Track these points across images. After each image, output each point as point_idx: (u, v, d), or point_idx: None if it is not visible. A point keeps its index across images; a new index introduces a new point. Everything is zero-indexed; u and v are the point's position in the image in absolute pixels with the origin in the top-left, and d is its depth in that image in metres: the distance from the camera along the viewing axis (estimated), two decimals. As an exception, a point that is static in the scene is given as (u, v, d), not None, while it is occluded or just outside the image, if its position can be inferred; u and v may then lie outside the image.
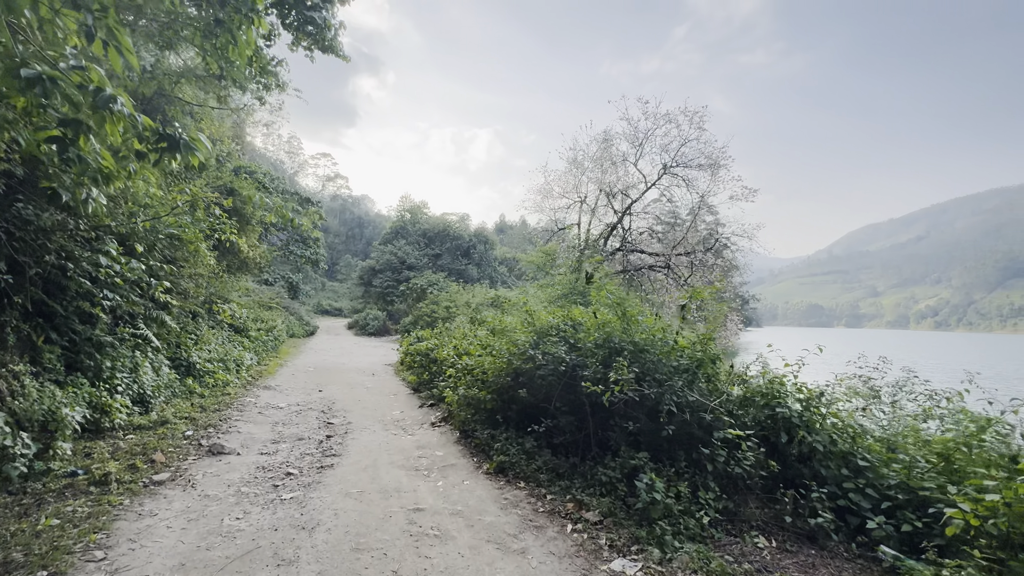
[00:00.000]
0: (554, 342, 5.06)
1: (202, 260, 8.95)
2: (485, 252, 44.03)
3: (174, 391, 8.23)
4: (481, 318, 14.71)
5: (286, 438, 6.56)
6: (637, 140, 18.54)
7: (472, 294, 32.03)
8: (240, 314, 15.73)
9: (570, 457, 4.77)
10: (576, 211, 22.73)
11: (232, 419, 7.47)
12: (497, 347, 5.94)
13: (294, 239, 37.07)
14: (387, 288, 37.72)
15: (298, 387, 10.50)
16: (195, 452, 5.75)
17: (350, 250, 78.50)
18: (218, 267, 11.78)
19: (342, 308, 50.81)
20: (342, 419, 7.63)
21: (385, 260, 39.72)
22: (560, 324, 5.42)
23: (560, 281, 20.63)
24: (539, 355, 4.93)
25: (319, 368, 13.92)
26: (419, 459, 5.52)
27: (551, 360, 4.87)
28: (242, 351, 12.90)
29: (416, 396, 9.62)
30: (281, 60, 16.55)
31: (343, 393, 9.91)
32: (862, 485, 3.60)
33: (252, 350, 14.42)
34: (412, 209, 46.96)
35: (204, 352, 10.52)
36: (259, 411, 8.14)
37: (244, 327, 15.63)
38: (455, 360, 8.72)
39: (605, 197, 21.40)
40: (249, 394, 9.47)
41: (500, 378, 5.60)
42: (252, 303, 19.93)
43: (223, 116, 20.94)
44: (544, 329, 5.37)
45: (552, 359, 4.88)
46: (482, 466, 5.12)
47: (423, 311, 28.63)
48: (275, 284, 30.78)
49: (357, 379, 11.91)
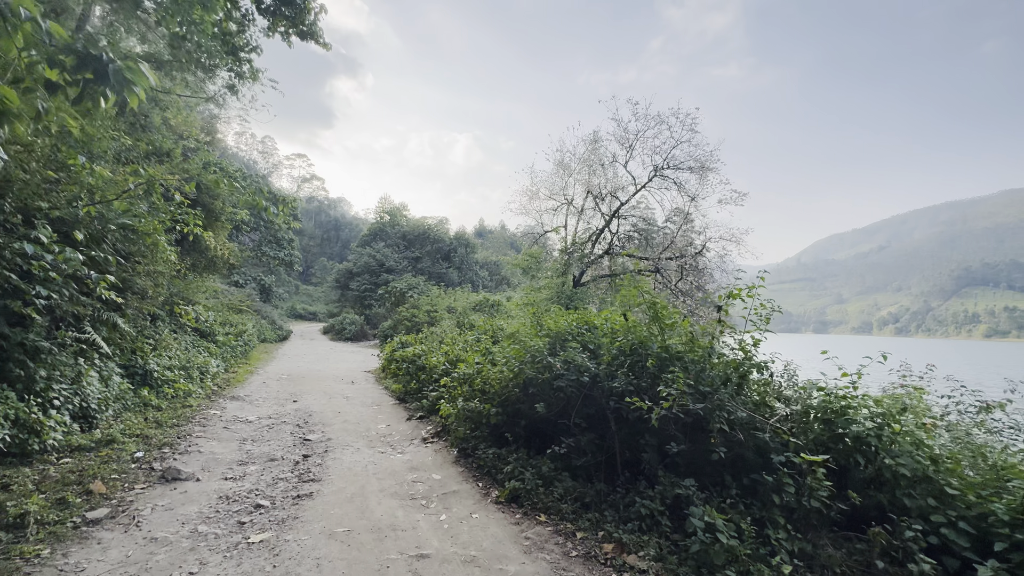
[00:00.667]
0: (575, 349, 4.38)
1: (161, 256, 7.96)
2: (466, 255, 43.20)
3: (126, 404, 7.21)
4: (469, 322, 13.96)
5: (256, 458, 5.68)
6: (627, 141, 18.16)
7: (454, 298, 31.20)
8: (206, 317, 14.56)
9: (594, 482, 4.09)
10: (563, 214, 22.25)
11: (193, 436, 6.52)
12: (501, 354, 5.24)
13: (267, 240, 35.49)
14: (365, 291, 36.45)
15: (270, 397, 9.52)
16: (144, 479, 4.83)
17: (326, 253, 76.57)
18: (181, 265, 10.71)
19: (317, 312, 49.07)
20: (320, 435, 6.76)
21: (363, 263, 38.45)
22: (577, 328, 4.76)
23: (547, 285, 20.04)
24: (558, 363, 4.24)
25: (293, 375, 12.89)
26: (414, 484, 4.74)
27: (573, 369, 4.19)
28: (208, 357, 11.80)
29: (403, 407, 8.79)
30: (255, 47, 15.53)
31: (321, 404, 9.01)
32: (954, 518, 3.04)
33: (219, 356, 13.29)
34: (391, 211, 45.80)
35: (164, 359, 9.47)
36: (225, 426, 7.19)
37: (211, 331, 14.45)
38: (448, 368, 7.95)
39: (592, 200, 20.97)
40: (214, 406, 8.47)
41: (507, 389, 4.89)
42: (220, 306, 18.66)
43: (191, 107, 19.72)
44: (561, 334, 4.69)
45: (574, 368, 4.20)
46: (490, 493, 4.37)
47: (403, 315, 27.66)
48: (246, 286, 29.27)
49: (335, 388, 10.97)
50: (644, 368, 4.01)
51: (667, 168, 16.58)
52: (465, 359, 6.89)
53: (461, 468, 5.15)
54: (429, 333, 12.23)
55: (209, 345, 13.52)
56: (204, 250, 13.75)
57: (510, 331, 5.88)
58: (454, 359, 8.05)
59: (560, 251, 22.41)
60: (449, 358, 8.15)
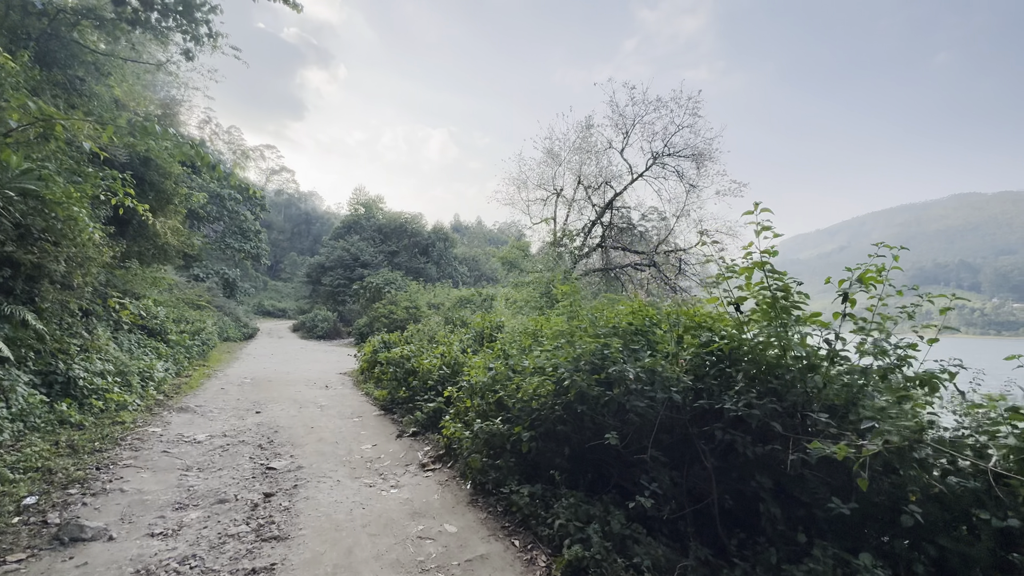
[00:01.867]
0: (643, 354, 3.18)
1: (82, 234, 6.34)
2: (445, 250, 41.61)
3: (32, 423, 5.62)
4: (459, 318, 12.62)
5: (200, 498, 4.25)
6: (624, 127, 17.11)
7: (433, 294, 29.74)
8: (156, 313, 12.74)
9: (688, 545, 2.88)
10: (552, 205, 21.11)
11: (118, 465, 5.01)
12: (543, 358, 3.95)
13: (232, 231, 33.03)
14: (338, 287, 34.47)
15: (228, 407, 7.98)
16: (28, 541, 3.36)
17: (296, 248, 73.58)
18: (115, 248, 9.00)
19: (287, 309, 46.62)
20: (289, 460, 5.35)
21: (336, 256, 36.40)
22: (641, 325, 3.55)
23: (535, 279, 18.83)
24: (631, 373, 3.00)
25: (258, 380, 11.28)
26: (421, 542, 3.41)
27: (659, 383, 2.96)
28: (155, 360, 10.11)
29: (390, 419, 7.40)
30: (214, 7, 13.69)
31: (290, 415, 7.53)
32: None
33: (170, 358, 11.56)
34: (367, 203, 43.73)
35: (95, 363, 7.81)
36: (164, 449, 5.68)
37: (162, 329, 12.65)
38: (445, 373, 6.62)
39: (584, 190, 19.88)
40: (156, 420, 6.91)
41: (546, 407, 3.62)
42: (176, 300, 16.71)
43: (139, 76, 17.49)
44: (627, 332, 3.46)
45: (659, 382, 2.97)
46: (536, 560, 3.05)
47: (380, 312, 26.03)
48: (207, 280, 26.99)
49: (307, 394, 9.47)
50: (762, 386, 2.83)
51: (667, 155, 15.59)
52: (472, 364, 5.58)
53: (482, 512, 3.86)
54: (416, 331, 10.83)
55: (159, 345, 11.76)
56: (152, 236, 11.95)
57: (551, 329, 4.60)
58: (453, 363, 6.73)
59: (549, 244, 21.26)
60: (446, 361, 6.82)
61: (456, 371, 6.69)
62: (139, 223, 11.73)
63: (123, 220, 11.64)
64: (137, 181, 11.83)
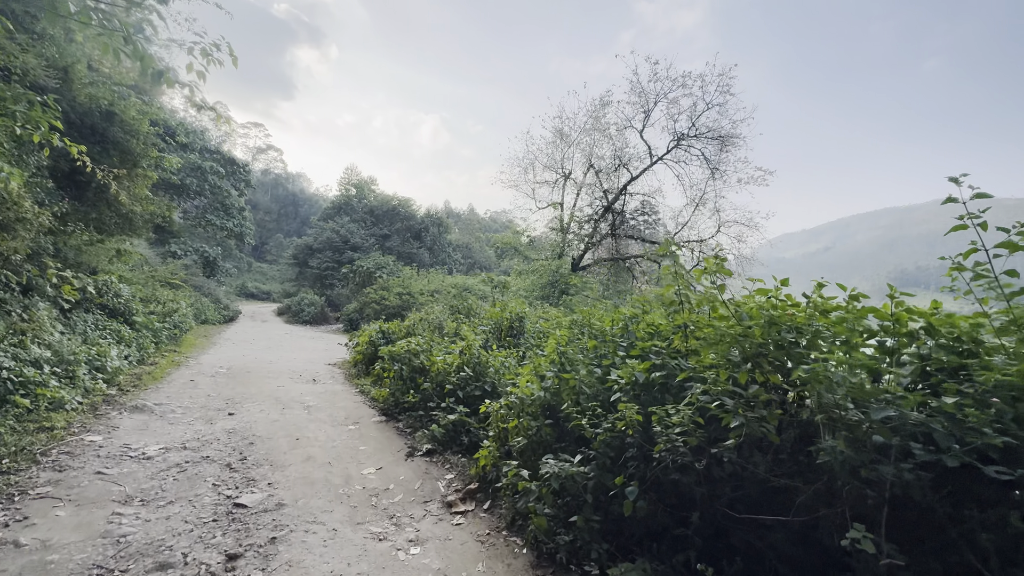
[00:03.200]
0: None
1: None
2: (439, 235, 40.05)
3: (-83, 431, 4.18)
4: (467, 307, 11.27)
5: (130, 560, 2.90)
6: (644, 105, 15.75)
7: (427, 280, 28.33)
8: (119, 290, 11.17)
9: None
10: (560, 188, 19.76)
11: (27, 496, 3.63)
12: (632, 375, 2.65)
13: (213, 206, 31.02)
14: (326, 270, 32.76)
15: (194, 406, 6.57)
16: None
17: (282, 229, 71.34)
18: (55, 208, 7.48)
19: (271, 291, 44.72)
20: (265, 494, 3.99)
21: (325, 238, 34.62)
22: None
23: (539, 267, 17.51)
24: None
25: (235, 370, 9.84)
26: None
27: (947, 437, 1.69)
28: (112, 345, 8.62)
29: (393, 428, 6.06)
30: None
31: (270, 419, 6.15)
32: None
33: (134, 343, 10.06)
34: (358, 184, 41.84)
35: (30, 350, 6.35)
36: (100, 469, 4.29)
37: (125, 309, 11.10)
38: (467, 375, 5.30)
39: (595, 174, 18.55)
40: (99, 424, 5.49)
41: (674, 453, 2.33)
42: (146, 278, 15.05)
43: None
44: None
45: (944, 435, 1.70)
46: None
47: (371, 297, 24.55)
48: (185, 257, 25.14)
49: (292, 390, 8.08)
50: None
51: (692, 137, 14.29)
52: (506, 366, 4.27)
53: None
54: (418, 320, 9.46)
55: (121, 328, 10.24)
56: (115, 202, 10.34)
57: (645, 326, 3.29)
58: (474, 362, 5.41)
59: (555, 230, 19.94)
60: (466, 360, 5.49)
61: (480, 373, 5.37)
62: (98, 186, 10.10)
63: (80, 182, 10.01)
64: (98, 139, 10.20)
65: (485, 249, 59.16)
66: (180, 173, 26.22)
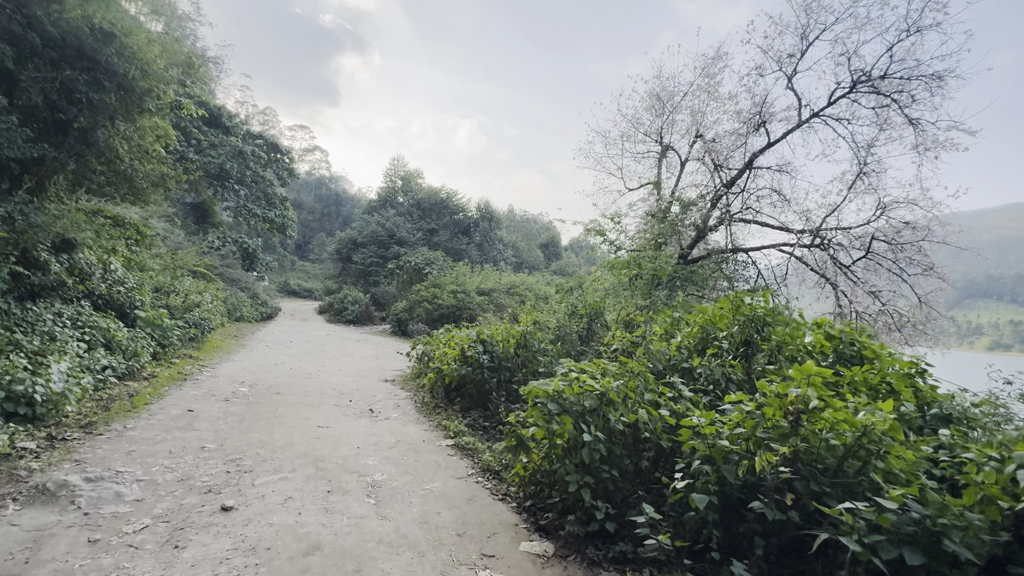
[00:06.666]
0: None
1: None
2: (489, 231, 37.00)
3: None
4: (588, 305, 7.82)
5: None
6: (786, 48, 11.89)
7: (482, 277, 25.27)
8: (119, 276, 8.42)
9: None
10: (656, 165, 16.07)
11: None
12: None
13: (254, 195, 29.02)
14: (371, 265, 30.24)
15: (166, 481, 3.46)
16: None
17: (325, 228, 70.74)
18: None
19: (313, 289, 43.06)
20: None
21: (370, 231, 32.15)
22: None
23: (632, 261, 13.82)
24: None
25: (259, 390, 6.81)
26: None
27: None
28: (64, 356, 5.71)
29: (560, 567, 2.72)
30: None
31: (299, 535, 2.96)
32: None
33: (127, 348, 7.21)
34: (405, 176, 39.37)
35: None
36: None
37: (125, 300, 8.33)
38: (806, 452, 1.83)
39: (704, 146, 14.75)
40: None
41: None
42: (164, 263, 12.43)
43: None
44: None
45: None
46: None
47: (422, 295, 21.67)
48: (223, 248, 22.94)
49: (342, 437, 4.90)
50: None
51: (883, 76, 10.32)
52: None
53: None
54: (530, 323, 6.08)
55: (113, 325, 7.42)
56: (104, 151, 7.54)
57: None
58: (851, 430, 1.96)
59: (653, 216, 16.25)
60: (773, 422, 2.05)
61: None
62: (81, 131, 7.31)
63: (60, 123, 7.26)
64: (85, 64, 7.43)
65: (533, 248, 55.94)
66: (221, 157, 24.15)
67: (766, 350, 3.85)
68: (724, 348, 3.65)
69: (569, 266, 47.43)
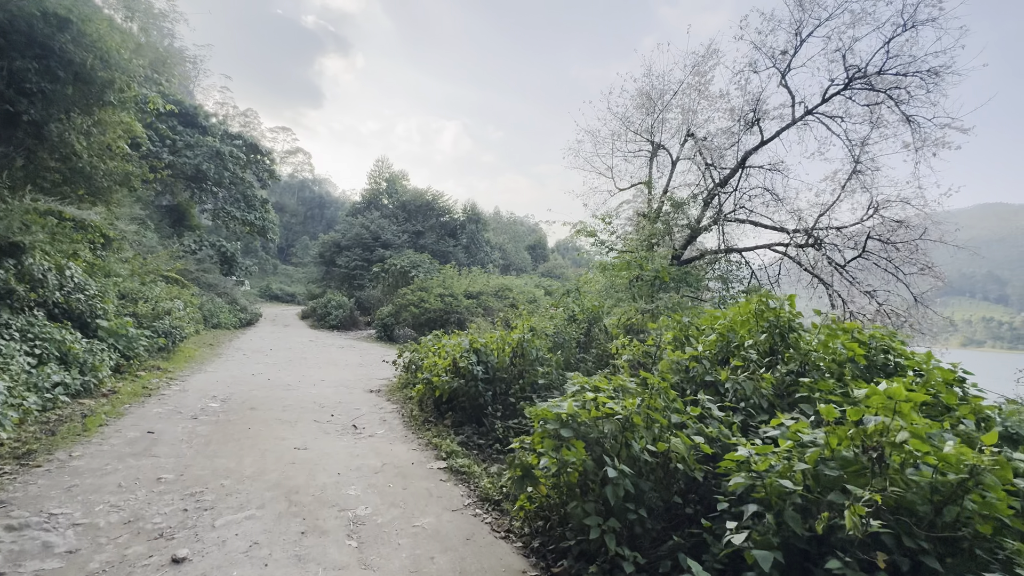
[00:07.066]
0: None
1: None
2: (476, 233, 36.48)
3: None
4: (589, 308, 7.40)
5: None
6: (778, 45, 11.70)
7: (469, 280, 24.72)
8: (79, 281, 7.75)
9: None
10: (646, 164, 15.80)
11: None
12: None
13: (233, 198, 28.05)
14: (355, 269, 29.48)
15: (108, 524, 2.92)
16: None
17: (308, 232, 69.45)
18: None
19: (296, 294, 41.99)
20: None
21: (354, 234, 31.38)
22: None
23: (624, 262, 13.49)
24: None
25: (231, 405, 6.24)
26: None
27: None
28: (8, 371, 5.11)
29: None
30: None
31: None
32: None
33: (84, 362, 6.58)
34: (390, 177, 38.65)
35: None
36: None
37: (86, 309, 7.66)
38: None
39: (695, 144, 14.51)
40: None
41: None
42: (135, 267, 11.68)
43: None
44: None
45: None
46: None
47: (408, 299, 21.05)
48: (199, 251, 22.04)
49: (320, 460, 4.39)
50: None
51: (880, 72, 10.14)
52: None
53: None
54: (526, 329, 5.64)
55: (68, 336, 6.77)
56: (61, 150, 6.89)
57: None
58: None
59: (643, 216, 15.96)
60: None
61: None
62: (32, 124, 6.66)
63: (3, 114, 6.60)
64: (36, 52, 6.78)
65: (520, 251, 55.53)
66: (197, 157, 23.23)
67: (792, 360, 3.46)
68: (752, 359, 3.26)
69: (556, 268, 47.14)
